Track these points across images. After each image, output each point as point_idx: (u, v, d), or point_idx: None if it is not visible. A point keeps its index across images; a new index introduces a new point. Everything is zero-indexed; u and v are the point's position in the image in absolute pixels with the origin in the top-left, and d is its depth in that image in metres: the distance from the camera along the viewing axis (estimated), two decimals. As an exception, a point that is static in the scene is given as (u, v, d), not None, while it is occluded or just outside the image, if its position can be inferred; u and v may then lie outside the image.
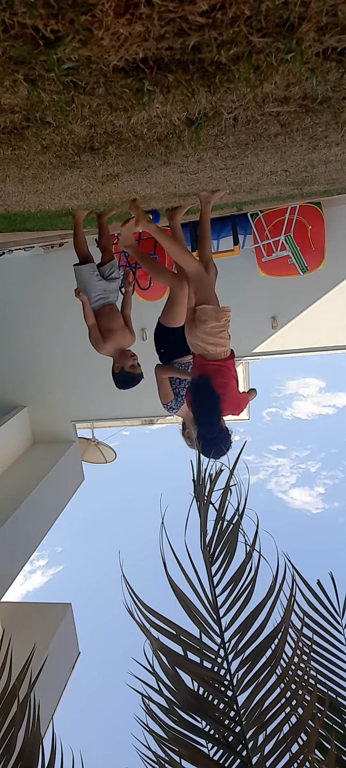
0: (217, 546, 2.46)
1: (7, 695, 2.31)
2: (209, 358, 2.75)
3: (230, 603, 2.38)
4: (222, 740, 2.13)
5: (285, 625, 2.22)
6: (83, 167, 1.47)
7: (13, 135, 1.03)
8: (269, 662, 2.20)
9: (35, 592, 30.33)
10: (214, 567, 2.42)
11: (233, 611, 2.36)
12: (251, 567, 2.41)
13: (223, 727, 2.15)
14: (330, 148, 1.61)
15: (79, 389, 7.46)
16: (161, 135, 1.17)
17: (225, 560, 2.44)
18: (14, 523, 6.09)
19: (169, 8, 0.60)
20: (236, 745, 2.12)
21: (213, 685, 2.23)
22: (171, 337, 3.46)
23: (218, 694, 2.21)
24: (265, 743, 2.09)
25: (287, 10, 0.62)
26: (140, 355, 3.43)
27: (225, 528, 2.46)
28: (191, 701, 2.18)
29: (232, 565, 2.44)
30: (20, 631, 5.65)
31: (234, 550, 2.45)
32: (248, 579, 2.40)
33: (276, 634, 2.22)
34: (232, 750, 2.10)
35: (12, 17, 0.57)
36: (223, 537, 2.46)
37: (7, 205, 2.21)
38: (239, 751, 2.10)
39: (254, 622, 2.30)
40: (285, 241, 5.66)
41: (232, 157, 1.60)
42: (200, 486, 2.45)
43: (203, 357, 2.78)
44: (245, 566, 2.41)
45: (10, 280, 7.38)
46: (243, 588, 2.39)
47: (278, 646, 2.20)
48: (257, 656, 2.24)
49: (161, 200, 2.95)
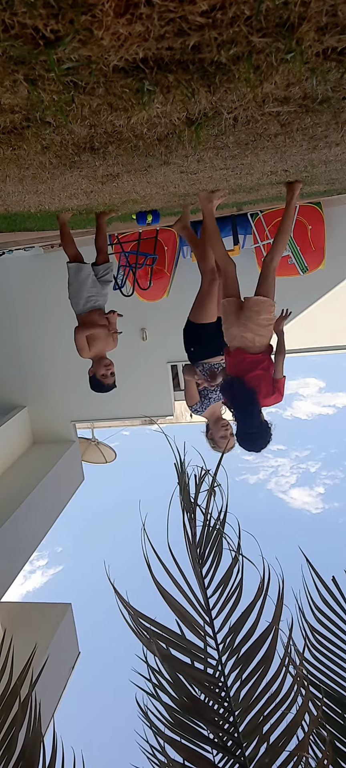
0: (206, 547, 2.47)
1: (9, 695, 2.31)
2: (252, 351, 2.75)
3: (221, 604, 2.39)
4: (218, 741, 2.13)
5: (276, 625, 2.23)
6: (83, 167, 1.47)
7: (13, 135, 1.03)
8: (262, 662, 2.21)
9: (35, 592, 30.32)
10: (204, 569, 2.43)
11: (224, 612, 2.37)
12: (239, 568, 2.43)
13: (218, 728, 2.15)
14: (330, 148, 1.61)
15: (79, 389, 7.45)
16: (161, 135, 1.17)
17: (214, 561, 2.45)
18: (14, 523, 6.09)
19: (169, 8, 0.60)
20: (231, 745, 2.12)
21: (208, 687, 2.24)
22: (203, 334, 3.35)
23: (213, 695, 2.21)
24: (260, 743, 2.09)
25: (287, 10, 0.62)
26: (140, 355, 3.44)
27: (211, 530, 2.48)
28: (188, 704, 2.18)
29: (221, 567, 2.46)
30: (20, 631, 5.65)
31: (221, 551, 2.47)
32: (237, 580, 2.41)
33: (268, 633, 2.23)
34: (228, 751, 2.10)
35: (12, 17, 0.57)
36: (210, 538, 2.47)
37: (7, 205, 2.21)
38: (234, 752, 2.10)
39: (245, 623, 2.31)
40: (285, 241, 5.66)
41: (232, 157, 1.60)
42: (183, 487, 2.47)
43: (245, 350, 2.74)
44: (233, 568, 2.42)
45: (10, 280, 7.38)
46: (233, 589, 2.40)
47: (270, 646, 2.21)
48: (250, 656, 2.24)
49: (161, 200, 2.95)
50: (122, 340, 7.55)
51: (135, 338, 7.06)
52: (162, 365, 7.11)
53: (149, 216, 3.54)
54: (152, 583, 2.29)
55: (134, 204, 2.99)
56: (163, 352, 7.07)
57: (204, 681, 2.25)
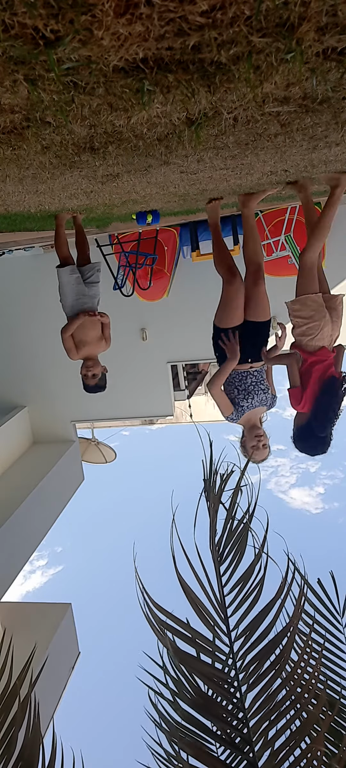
0: (226, 546, 2.46)
1: (8, 695, 2.32)
2: (329, 350, 2.73)
3: (238, 602, 2.38)
4: (228, 740, 2.13)
5: (293, 627, 2.22)
6: (83, 167, 1.47)
7: (13, 135, 1.03)
8: (276, 663, 2.20)
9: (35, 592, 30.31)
10: (223, 567, 2.43)
11: (240, 611, 2.36)
12: (260, 567, 2.41)
13: (229, 726, 2.15)
14: (330, 148, 1.61)
15: (79, 389, 7.42)
16: (161, 135, 1.17)
17: (234, 560, 2.44)
18: (14, 523, 6.09)
19: (169, 8, 0.60)
20: (242, 744, 2.12)
21: (220, 684, 2.23)
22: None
23: (225, 694, 2.21)
24: (271, 743, 2.09)
25: (287, 10, 0.62)
26: (140, 355, 3.42)
27: (235, 528, 2.47)
28: (198, 700, 2.18)
29: (240, 566, 2.45)
30: (20, 631, 5.65)
31: (244, 550, 2.45)
32: (257, 579, 2.40)
33: (284, 635, 2.22)
34: (238, 750, 2.10)
35: (12, 17, 0.57)
36: (232, 537, 2.46)
37: (7, 205, 2.21)
38: (245, 751, 2.10)
39: (261, 623, 2.30)
40: (285, 241, 5.67)
41: (232, 157, 1.60)
42: (210, 485, 2.46)
43: (327, 349, 2.70)
44: (254, 567, 2.41)
45: (10, 280, 7.38)
46: (251, 588, 2.39)
47: (285, 647, 2.20)
48: (264, 656, 2.24)
49: (161, 200, 2.95)
50: (122, 340, 7.56)
51: (135, 338, 7.06)
52: (162, 365, 7.11)
53: (149, 216, 3.54)
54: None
55: (134, 204, 2.98)
56: (163, 352, 7.07)
57: (216, 678, 2.25)
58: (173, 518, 2.35)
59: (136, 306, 6.63)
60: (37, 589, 29.30)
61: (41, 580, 30.48)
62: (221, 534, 2.48)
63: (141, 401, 7.23)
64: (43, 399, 7.67)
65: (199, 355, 7.16)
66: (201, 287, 6.42)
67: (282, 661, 2.19)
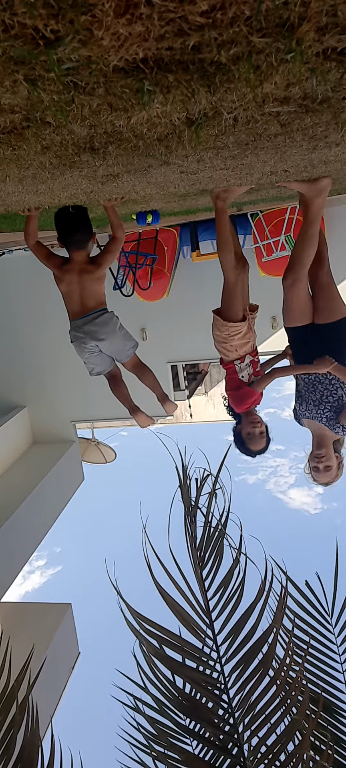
0: (206, 550, 2.47)
1: (7, 696, 2.31)
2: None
3: (221, 606, 2.39)
4: (217, 743, 2.13)
5: (276, 627, 2.23)
6: (83, 167, 1.47)
7: (13, 135, 1.03)
8: (262, 664, 2.21)
9: (34, 593, 30.29)
10: (204, 571, 2.43)
11: (224, 614, 2.37)
12: (239, 570, 2.42)
13: (218, 730, 2.15)
14: (330, 148, 1.61)
15: (79, 389, 7.46)
16: (161, 135, 1.17)
17: (214, 564, 2.45)
18: (14, 523, 6.09)
19: (169, 8, 0.60)
20: (231, 747, 2.12)
21: (207, 688, 2.24)
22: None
23: (213, 697, 2.21)
24: (259, 745, 2.09)
25: (287, 10, 0.62)
26: (140, 355, 3.40)
27: (213, 532, 2.47)
28: (186, 705, 2.18)
29: (221, 569, 2.45)
30: (20, 632, 5.65)
31: (222, 553, 2.46)
32: (237, 582, 2.41)
33: (268, 635, 2.23)
34: (227, 752, 2.10)
35: (12, 17, 0.57)
36: (211, 540, 2.47)
37: (7, 205, 2.21)
38: (234, 754, 2.10)
39: (245, 625, 2.31)
40: (285, 241, 5.66)
41: (232, 157, 1.60)
42: (185, 490, 2.46)
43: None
44: (234, 569, 2.42)
45: (10, 280, 7.38)
46: (233, 591, 2.40)
47: (270, 648, 2.21)
48: (249, 658, 2.24)
49: (161, 200, 2.95)
50: (122, 340, 7.50)
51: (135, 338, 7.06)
52: (162, 365, 7.10)
53: (149, 216, 3.54)
54: (153, 585, 2.29)
55: (134, 204, 2.98)
56: (163, 352, 7.07)
57: (204, 682, 2.25)
58: (143, 528, 2.37)
59: (136, 306, 6.63)
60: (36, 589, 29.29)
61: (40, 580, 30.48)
62: (200, 539, 2.48)
63: (141, 401, 7.22)
64: (43, 399, 7.67)
65: (199, 355, 7.16)
66: (201, 287, 6.42)
67: (267, 662, 2.19)
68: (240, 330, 2.88)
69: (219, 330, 2.93)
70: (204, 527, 2.50)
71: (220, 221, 2.77)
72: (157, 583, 2.25)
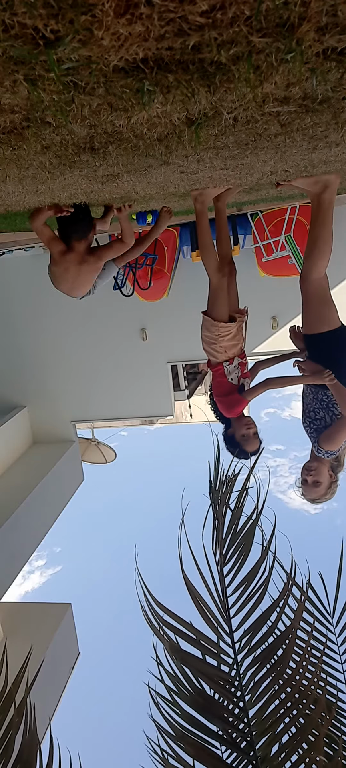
0: (230, 547, 2.46)
1: (5, 698, 2.31)
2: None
3: (241, 603, 2.37)
4: (230, 740, 2.13)
5: (295, 628, 2.22)
6: (83, 167, 1.47)
7: (13, 135, 1.03)
8: (278, 664, 2.20)
9: (34, 593, 30.29)
10: (226, 567, 2.42)
11: (243, 612, 2.36)
12: (265, 568, 2.39)
13: (231, 727, 2.15)
14: (330, 148, 1.61)
15: (79, 389, 7.46)
16: (161, 135, 1.17)
17: (238, 561, 2.44)
18: (14, 523, 6.09)
19: (169, 8, 0.60)
20: (243, 745, 2.12)
21: (222, 685, 2.23)
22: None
23: (227, 694, 2.21)
24: (273, 743, 2.09)
25: (287, 10, 0.62)
26: (140, 355, 3.40)
27: (240, 529, 2.46)
28: (200, 701, 2.18)
29: (244, 567, 2.44)
30: (20, 631, 5.65)
31: (248, 551, 2.43)
32: (261, 580, 2.39)
33: (286, 636, 2.22)
34: (239, 750, 2.10)
35: (12, 17, 0.57)
36: (237, 538, 2.45)
37: (7, 205, 2.21)
38: (246, 751, 2.09)
39: (264, 624, 2.30)
40: (285, 241, 5.66)
41: (232, 157, 1.60)
42: (216, 488, 2.45)
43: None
44: (259, 567, 2.39)
45: (10, 280, 7.38)
46: (255, 589, 2.38)
47: (287, 648, 2.20)
48: (266, 657, 2.23)
49: (161, 200, 2.95)
50: (122, 340, 7.56)
51: (135, 338, 7.06)
52: (162, 365, 7.11)
53: (149, 216, 3.54)
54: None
55: (134, 204, 2.98)
56: (163, 352, 7.07)
57: (219, 678, 2.24)
58: (182, 518, 2.34)
59: (136, 306, 6.63)
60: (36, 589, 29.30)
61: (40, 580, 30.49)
62: (225, 535, 2.47)
63: (141, 401, 7.23)
64: (43, 399, 7.67)
65: (199, 355, 7.14)
66: (201, 287, 6.40)
67: (283, 664, 2.19)
68: (230, 331, 2.90)
69: (209, 330, 2.93)
70: (230, 523, 2.47)
71: (199, 224, 2.79)
72: (185, 575, 2.23)
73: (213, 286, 2.91)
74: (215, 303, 2.92)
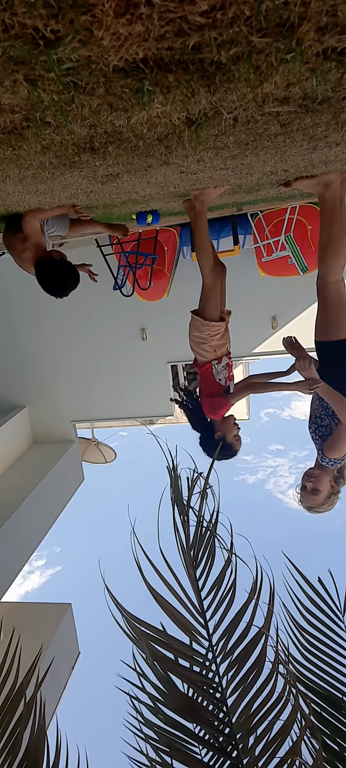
0: (199, 549, 2.47)
1: (14, 695, 2.32)
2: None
3: (215, 606, 2.39)
4: (213, 742, 2.14)
5: (267, 626, 2.24)
6: (83, 167, 1.47)
7: (13, 135, 1.03)
8: (256, 664, 2.21)
9: (34, 593, 30.31)
10: (198, 570, 2.43)
11: (218, 614, 2.38)
12: (232, 570, 2.43)
13: (214, 729, 2.16)
14: (330, 148, 1.61)
15: (79, 389, 7.46)
16: (161, 135, 1.17)
17: (207, 563, 2.45)
18: (14, 523, 6.09)
19: (169, 8, 0.60)
20: (226, 746, 2.12)
21: (203, 688, 2.24)
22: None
23: (208, 697, 2.22)
24: (255, 744, 2.09)
25: (287, 10, 0.62)
26: (140, 355, 3.41)
27: (205, 532, 2.48)
28: (183, 705, 2.19)
29: (213, 569, 2.46)
30: (21, 631, 5.63)
31: (215, 553, 2.46)
32: (231, 581, 2.41)
33: (261, 635, 2.23)
34: (223, 752, 2.10)
35: (12, 17, 0.57)
36: (204, 540, 2.47)
37: (7, 205, 2.21)
38: (229, 753, 2.10)
39: (238, 624, 2.32)
40: (285, 241, 5.66)
41: (232, 157, 1.60)
42: (175, 490, 2.47)
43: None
44: (226, 569, 2.42)
45: (10, 280, 7.38)
46: (226, 590, 2.40)
47: (263, 647, 2.21)
48: (244, 657, 2.25)
49: (161, 200, 2.95)
50: (122, 340, 7.54)
51: (135, 338, 7.06)
52: (162, 365, 7.11)
53: (149, 216, 3.54)
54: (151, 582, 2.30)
55: (134, 204, 2.98)
56: (163, 352, 7.07)
57: (199, 682, 2.26)
58: (132, 530, 2.38)
59: (136, 306, 6.63)
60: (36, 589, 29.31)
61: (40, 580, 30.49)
62: (193, 539, 2.48)
63: (141, 401, 7.23)
64: (43, 399, 7.67)
65: (199, 355, 7.15)
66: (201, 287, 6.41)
67: (261, 661, 2.19)
68: (220, 330, 2.93)
69: (199, 330, 2.98)
70: (196, 527, 2.49)
71: (198, 224, 2.78)
72: (148, 584, 2.26)
73: (208, 287, 2.93)
74: (208, 303, 2.94)
